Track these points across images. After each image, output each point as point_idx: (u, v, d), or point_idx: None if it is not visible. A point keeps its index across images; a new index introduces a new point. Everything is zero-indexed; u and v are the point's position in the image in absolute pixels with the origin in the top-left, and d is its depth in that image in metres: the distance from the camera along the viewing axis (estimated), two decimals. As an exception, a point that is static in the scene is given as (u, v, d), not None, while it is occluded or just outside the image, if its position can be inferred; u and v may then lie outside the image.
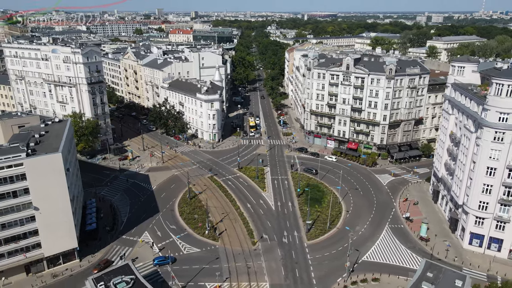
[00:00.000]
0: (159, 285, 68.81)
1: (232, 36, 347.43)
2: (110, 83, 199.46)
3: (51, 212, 69.43)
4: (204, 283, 70.60)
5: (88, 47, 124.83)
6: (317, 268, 75.07)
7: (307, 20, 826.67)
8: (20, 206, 66.96)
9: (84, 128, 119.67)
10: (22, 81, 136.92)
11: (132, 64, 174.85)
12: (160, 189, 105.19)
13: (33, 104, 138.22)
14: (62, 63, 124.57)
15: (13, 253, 68.94)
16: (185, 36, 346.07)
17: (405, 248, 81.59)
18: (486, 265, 76.26)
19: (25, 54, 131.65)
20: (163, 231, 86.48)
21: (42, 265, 72.88)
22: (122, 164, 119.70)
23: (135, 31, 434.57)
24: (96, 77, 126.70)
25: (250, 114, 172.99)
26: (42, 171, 67.09)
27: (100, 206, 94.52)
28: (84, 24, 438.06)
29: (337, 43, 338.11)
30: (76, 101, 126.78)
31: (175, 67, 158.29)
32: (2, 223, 66.26)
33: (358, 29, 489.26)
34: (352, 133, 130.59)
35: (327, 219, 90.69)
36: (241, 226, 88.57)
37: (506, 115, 70.82)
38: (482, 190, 76.36)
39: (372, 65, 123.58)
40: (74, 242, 74.05)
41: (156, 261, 75.60)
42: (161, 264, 74.85)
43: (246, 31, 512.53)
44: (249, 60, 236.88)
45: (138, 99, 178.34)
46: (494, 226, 77.62)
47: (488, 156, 74.05)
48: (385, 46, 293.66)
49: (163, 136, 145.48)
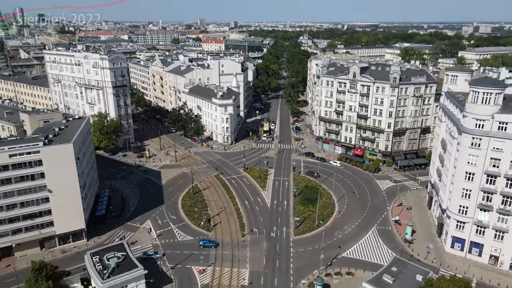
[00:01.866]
0: (150, 264, 76.93)
1: (262, 46, 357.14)
2: (140, 88, 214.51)
3: (63, 195, 79.87)
4: (191, 266, 78.01)
5: (114, 54, 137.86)
6: (297, 260, 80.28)
7: (345, 30, 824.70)
8: (37, 188, 77.90)
9: (107, 127, 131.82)
10: (59, 84, 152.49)
11: (158, 70, 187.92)
12: (168, 184, 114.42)
13: (67, 104, 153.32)
14: (92, 68, 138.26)
15: (29, 229, 79.84)
16: (217, 45, 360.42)
17: (387, 248, 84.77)
18: (465, 268, 77.96)
19: (62, 59, 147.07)
20: (163, 220, 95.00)
21: (54, 242, 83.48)
22: (139, 161, 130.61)
23: (172, 40, 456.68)
24: (120, 81, 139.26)
25: (266, 119, 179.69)
26: (56, 159, 77.79)
27: (112, 196, 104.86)
28: (127, 34, 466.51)
29: (366, 53, 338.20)
30: (103, 102, 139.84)
31: (196, 74, 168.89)
32: (21, 201, 77.37)
33: (394, 40, 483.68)
34: (358, 140, 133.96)
35: (318, 218, 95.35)
36: (235, 220, 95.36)
37: (482, 121, 73.22)
38: (461, 194, 78.53)
39: (378, 73, 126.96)
40: (82, 223, 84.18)
41: (201, 242, 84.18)
42: (205, 246, 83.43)
43: (280, 40, 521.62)
44: (273, 68, 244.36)
45: (163, 103, 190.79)
46: (475, 230, 79.25)
47: (466, 161, 76.40)
48: (415, 56, 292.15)
49: (181, 137, 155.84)
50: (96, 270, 66.09)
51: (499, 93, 71.78)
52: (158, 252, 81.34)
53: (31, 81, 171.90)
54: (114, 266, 66.99)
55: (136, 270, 67.00)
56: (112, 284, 64.45)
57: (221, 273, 76.05)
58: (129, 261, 69.40)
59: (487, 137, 73.12)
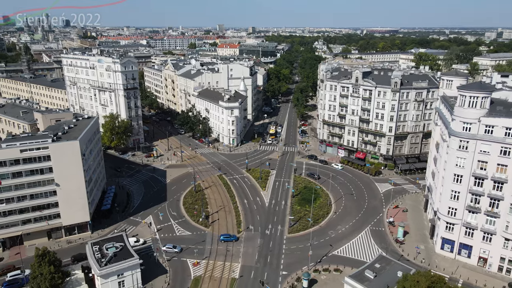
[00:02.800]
0: (148, 256, 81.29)
1: (275, 51, 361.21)
2: (153, 91, 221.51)
3: (69, 189, 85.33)
4: (186, 259, 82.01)
5: (126, 58, 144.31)
6: (288, 256, 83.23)
7: (363, 36, 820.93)
8: (45, 181, 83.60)
9: (118, 127, 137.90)
10: (75, 86, 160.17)
11: (170, 74, 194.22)
12: (172, 183, 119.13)
13: (81, 106, 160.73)
14: (105, 71, 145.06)
15: (38, 220, 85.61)
16: (231, 50, 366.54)
17: (378, 247, 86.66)
18: (452, 269, 79.31)
19: (77, 63, 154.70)
20: (165, 216, 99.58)
21: (60, 233, 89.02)
22: (146, 160, 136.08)
23: (189, 45, 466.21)
24: (131, 84, 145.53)
25: (274, 123, 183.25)
26: (63, 154, 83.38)
27: (118, 192, 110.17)
28: (146, 39, 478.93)
29: (380, 59, 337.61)
30: (114, 104, 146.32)
31: (205, 77, 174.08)
32: (31, 194, 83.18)
33: (411, 45, 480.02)
34: (361, 143, 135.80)
35: (313, 217, 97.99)
36: (233, 217, 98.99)
37: (469, 124, 74.85)
38: (450, 196, 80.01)
39: (380, 78, 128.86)
40: (87, 216, 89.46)
41: (222, 237, 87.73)
42: (226, 240, 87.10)
43: (296, 46, 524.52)
44: (284, 73, 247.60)
45: (174, 105, 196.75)
46: (464, 232, 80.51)
47: (454, 163, 77.97)
48: (429, 62, 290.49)
49: (190, 139, 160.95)
50: (95, 258, 70.82)
51: (486, 97, 73.37)
52: (177, 246, 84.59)
53: (49, 83, 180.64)
54: (111, 255, 71.57)
55: (131, 260, 71.38)
56: (109, 271, 69.01)
57: (214, 266, 79.74)
58: (126, 251, 73.88)
59: (474, 140, 74.67)
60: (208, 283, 74.90)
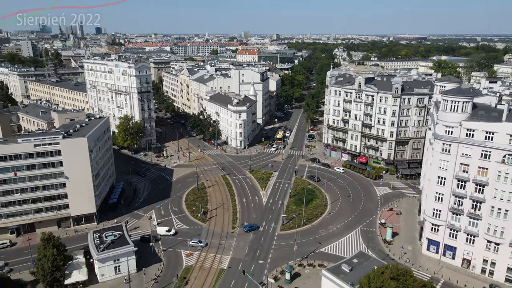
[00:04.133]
0: (145, 245, 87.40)
1: (293, 57, 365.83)
2: (170, 95, 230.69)
3: (77, 182, 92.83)
4: (180, 250, 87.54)
5: (140, 63, 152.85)
6: (276, 251, 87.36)
7: (388, 43, 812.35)
8: (56, 174, 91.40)
9: (131, 128, 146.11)
10: (94, 89, 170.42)
11: (185, 79, 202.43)
12: (178, 181, 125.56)
13: (100, 108, 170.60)
14: (121, 75, 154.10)
15: (49, 209, 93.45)
16: (250, 57, 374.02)
17: (365, 246, 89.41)
18: (436, 269, 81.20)
19: (97, 67, 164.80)
20: (166, 211, 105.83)
21: (69, 222, 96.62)
22: (156, 160, 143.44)
23: (211, 52, 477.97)
24: (145, 87, 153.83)
25: (283, 127, 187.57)
26: (72, 150, 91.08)
27: (126, 188, 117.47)
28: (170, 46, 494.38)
29: (399, 66, 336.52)
30: (129, 106, 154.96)
31: (217, 82, 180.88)
32: (43, 185, 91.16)
33: (435, 52, 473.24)
34: (363, 148, 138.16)
35: (307, 217, 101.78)
36: (230, 214, 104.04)
37: (451, 128, 77.15)
38: (434, 198, 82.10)
39: (382, 84, 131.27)
40: (93, 208, 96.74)
41: (246, 228, 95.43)
42: (251, 230, 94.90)
43: (317, 52, 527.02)
44: (298, 79, 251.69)
45: (189, 109, 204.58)
46: (448, 234, 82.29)
47: (438, 166, 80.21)
48: (448, 70, 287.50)
49: (200, 140, 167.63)
50: (94, 244, 77.48)
51: (467, 102, 75.61)
52: (202, 241, 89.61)
53: (73, 86, 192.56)
54: (109, 242, 78.12)
55: (127, 247, 77.67)
56: (105, 256, 75.55)
57: (206, 258, 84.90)
58: (123, 239, 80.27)
59: (456, 143, 76.85)
60: (197, 272, 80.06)
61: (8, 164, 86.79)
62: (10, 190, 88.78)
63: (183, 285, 75.45)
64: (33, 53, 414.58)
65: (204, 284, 76.36)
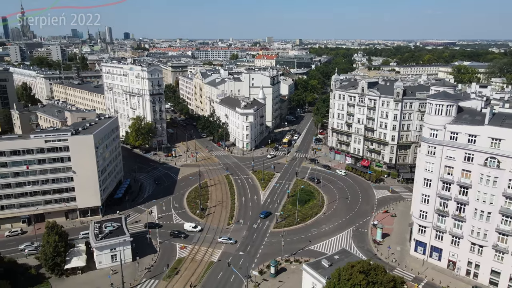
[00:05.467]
0: (143, 237, 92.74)
1: (310, 62, 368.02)
2: (185, 98, 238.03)
3: (84, 176, 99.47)
4: (175, 243, 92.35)
5: (152, 66, 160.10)
6: (266, 247, 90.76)
7: (413, 48, 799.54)
8: (64, 168, 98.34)
9: (142, 128, 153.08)
10: (111, 91, 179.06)
11: (199, 82, 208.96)
12: (182, 179, 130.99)
13: (116, 109, 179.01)
14: (135, 78, 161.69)
15: (58, 201, 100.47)
16: (268, 61, 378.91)
17: (354, 246, 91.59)
18: (421, 270, 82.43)
19: (114, 71, 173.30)
20: (168, 207, 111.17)
21: (76, 214, 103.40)
22: (165, 159, 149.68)
23: (231, 56, 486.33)
24: (157, 90, 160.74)
25: (292, 131, 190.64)
26: (80, 146, 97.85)
27: (133, 185, 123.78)
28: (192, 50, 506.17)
29: (418, 71, 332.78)
30: (142, 107, 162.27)
31: (228, 85, 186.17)
32: (53, 178, 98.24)
33: (460, 58, 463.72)
34: (366, 151, 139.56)
35: (302, 216, 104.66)
36: (228, 212, 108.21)
37: (436, 131, 78.67)
38: (421, 199, 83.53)
39: (384, 88, 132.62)
40: (98, 202, 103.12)
41: (262, 214, 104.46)
42: (266, 216, 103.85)
43: (339, 58, 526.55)
44: (312, 84, 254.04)
45: (201, 111, 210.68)
46: (434, 235, 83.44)
47: (424, 168, 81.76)
48: (467, 75, 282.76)
49: (210, 142, 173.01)
50: (94, 234, 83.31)
51: (451, 105, 77.06)
52: (232, 238, 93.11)
53: (92, 88, 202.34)
54: (107, 232, 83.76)
55: (123, 237, 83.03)
56: (103, 244, 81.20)
57: (198, 251, 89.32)
58: (121, 230, 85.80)
59: (440, 146, 78.32)
60: (189, 263, 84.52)
61: (21, 158, 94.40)
62: (22, 182, 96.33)
63: (173, 275, 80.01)
64: (61, 57, 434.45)
65: (193, 275, 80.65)
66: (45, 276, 79.42)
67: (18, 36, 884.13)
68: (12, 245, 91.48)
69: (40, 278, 78.70)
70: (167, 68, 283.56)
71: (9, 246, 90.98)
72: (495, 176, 72.03)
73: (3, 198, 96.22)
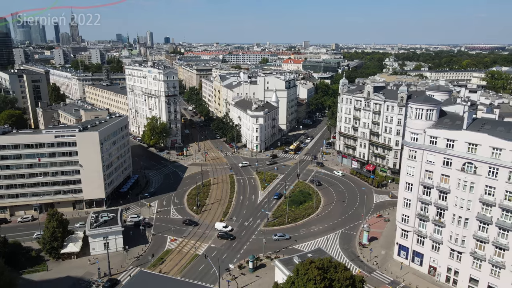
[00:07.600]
0: (138, 228, 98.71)
1: (337, 67, 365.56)
2: (207, 100, 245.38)
3: (90, 170, 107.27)
4: (167, 236, 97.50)
5: (168, 69, 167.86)
6: (252, 244, 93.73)
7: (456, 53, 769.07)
8: (72, 162, 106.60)
9: (156, 128, 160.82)
10: (132, 92, 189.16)
11: (218, 85, 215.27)
12: (187, 177, 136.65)
13: (136, 109, 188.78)
14: (152, 80, 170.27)
15: (66, 192, 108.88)
16: (295, 65, 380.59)
17: (338, 247, 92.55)
18: (401, 274, 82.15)
19: (135, 73, 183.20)
20: (168, 202, 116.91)
21: (82, 205, 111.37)
22: (176, 158, 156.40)
23: (261, 61, 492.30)
24: (172, 91, 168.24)
25: (306, 135, 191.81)
26: (86, 142, 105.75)
27: (141, 180, 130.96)
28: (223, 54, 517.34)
29: (450, 77, 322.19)
30: (158, 108, 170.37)
31: (243, 88, 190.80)
32: (62, 170, 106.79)
33: (501, 63, 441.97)
34: (371, 156, 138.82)
35: (294, 217, 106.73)
36: (223, 209, 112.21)
37: (416, 135, 78.54)
38: (403, 203, 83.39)
39: (390, 93, 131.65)
40: (102, 194, 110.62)
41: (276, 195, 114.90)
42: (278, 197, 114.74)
43: (369, 62, 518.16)
44: (333, 88, 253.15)
45: (220, 113, 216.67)
46: (416, 240, 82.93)
47: (406, 172, 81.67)
48: (501, 81, 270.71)
49: (223, 143, 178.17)
50: (89, 222, 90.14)
51: (431, 110, 76.71)
52: (286, 235, 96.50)
53: (118, 90, 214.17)
54: (102, 221, 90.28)
55: (115, 226, 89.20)
56: (96, 232, 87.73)
57: (186, 244, 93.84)
58: (115, 220, 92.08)
59: (421, 150, 78.07)
60: (175, 255, 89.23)
61: (34, 151, 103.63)
62: (34, 173, 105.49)
63: (158, 264, 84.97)
64: (100, 60, 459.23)
65: (177, 265, 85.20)
66: (43, 258, 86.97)
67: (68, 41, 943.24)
68: (22, 229, 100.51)
69: (39, 260, 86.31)
70: (193, 71, 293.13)
71: (20, 231, 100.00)
72: (471, 182, 71.10)
73: (18, 187, 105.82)
